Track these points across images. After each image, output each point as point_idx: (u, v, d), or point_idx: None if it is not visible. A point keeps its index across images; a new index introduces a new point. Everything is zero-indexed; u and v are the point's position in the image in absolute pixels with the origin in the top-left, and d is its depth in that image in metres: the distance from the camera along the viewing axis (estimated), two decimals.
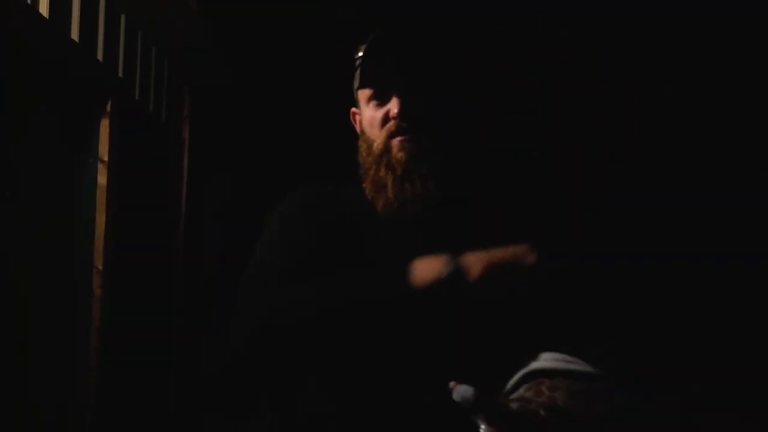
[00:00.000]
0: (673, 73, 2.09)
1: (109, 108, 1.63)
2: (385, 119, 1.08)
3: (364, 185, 1.11)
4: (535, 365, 0.94)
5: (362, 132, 1.13)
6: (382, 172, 1.06)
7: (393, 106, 1.06)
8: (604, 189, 2.06)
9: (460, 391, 0.83)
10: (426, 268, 0.93)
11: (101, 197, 1.61)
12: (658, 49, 2.10)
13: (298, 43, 2.26)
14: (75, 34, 1.49)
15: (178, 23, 1.81)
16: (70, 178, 1.57)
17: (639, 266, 1.99)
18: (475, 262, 0.92)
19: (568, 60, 2.10)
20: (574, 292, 1.10)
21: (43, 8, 1.36)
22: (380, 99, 1.09)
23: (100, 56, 1.61)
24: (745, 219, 2.03)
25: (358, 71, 1.12)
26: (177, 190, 2.22)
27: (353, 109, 1.18)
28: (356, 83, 1.13)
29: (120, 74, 1.73)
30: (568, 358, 0.94)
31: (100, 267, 1.59)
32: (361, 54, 1.11)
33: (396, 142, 1.06)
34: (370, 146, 1.10)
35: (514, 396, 0.91)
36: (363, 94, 1.12)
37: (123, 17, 1.75)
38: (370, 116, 1.10)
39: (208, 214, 2.36)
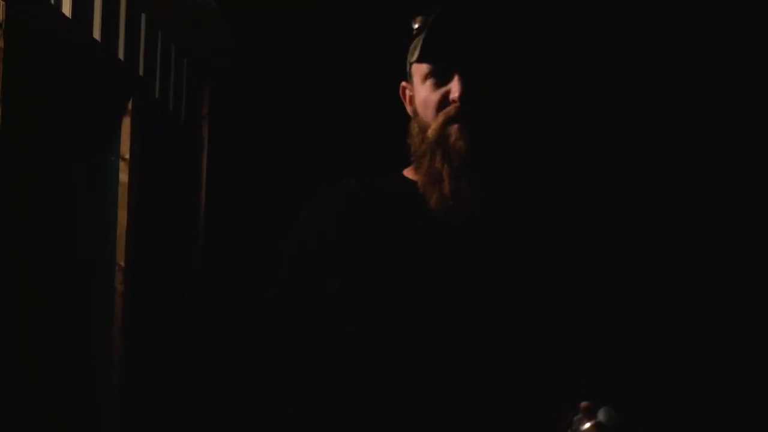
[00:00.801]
0: (685, 70, 2.09)
1: (130, 106, 1.64)
2: (444, 102, 0.94)
3: (415, 176, 1.00)
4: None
5: (415, 113, 1.00)
6: (438, 163, 0.94)
7: (454, 89, 0.93)
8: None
9: (608, 412, 0.81)
10: None
11: (123, 194, 1.62)
12: (669, 47, 2.10)
13: (316, 42, 2.27)
14: (97, 34, 1.51)
15: (197, 22, 1.83)
16: (92, 175, 1.59)
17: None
18: None
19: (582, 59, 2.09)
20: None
21: (66, 8, 1.38)
22: (440, 78, 0.95)
23: (121, 55, 1.63)
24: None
25: (416, 42, 0.97)
26: (196, 187, 2.24)
27: (403, 84, 1.05)
28: (413, 56, 0.98)
29: (140, 73, 1.75)
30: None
31: (122, 264, 1.60)
32: (418, 25, 0.98)
33: (455, 129, 0.93)
34: (424, 131, 0.96)
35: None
36: (419, 70, 0.98)
37: (143, 16, 1.76)
38: (425, 97, 0.96)
39: (227, 211, 2.38)
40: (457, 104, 0.93)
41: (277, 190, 2.27)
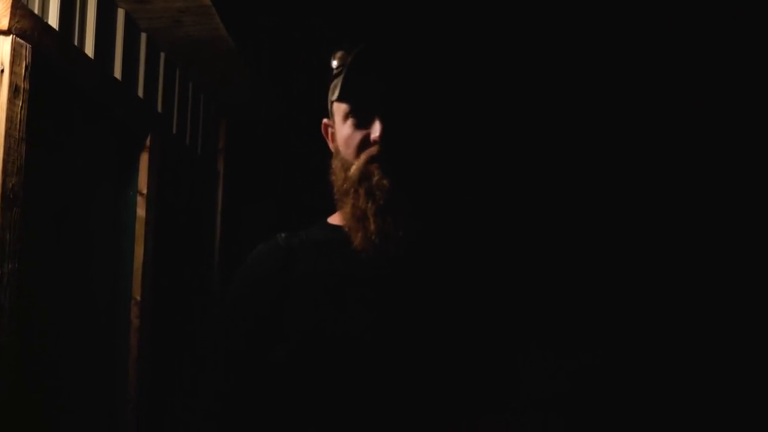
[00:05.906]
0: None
1: (148, 142, 1.67)
2: (365, 141, 0.95)
3: (339, 220, 1.00)
4: None
5: (336, 151, 1.00)
6: (362, 202, 0.94)
7: (376, 129, 0.94)
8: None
9: None
10: None
11: (140, 229, 1.65)
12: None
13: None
14: (118, 73, 1.55)
15: (215, 61, 1.86)
16: (111, 210, 1.61)
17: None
18: None
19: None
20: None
21: (89, 49, 1.42)
22: (361, 116, 0.96)
23: (140, 93, 1.66)
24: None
25: (337, 81, 0.97)
26: (212, 220, 2.26)
27: (325, 121, 1.05)
28: (333, 94, 0.98)
29: (159, 110, 1.78)
30: None
31: (138, 298, 1.62)
32: (337, 62, 0.99)
33: (377, 168, 0.93)
34: (347, 170, 0.96)
35: None
36: (339, 108, 0.98)
37: (162, 55, 1.80)
38: (347, 135, 0.97)
39: (244, 242, 2.39)
40: (379, 145, 0.94)
41: (296, 220, 2.30)
